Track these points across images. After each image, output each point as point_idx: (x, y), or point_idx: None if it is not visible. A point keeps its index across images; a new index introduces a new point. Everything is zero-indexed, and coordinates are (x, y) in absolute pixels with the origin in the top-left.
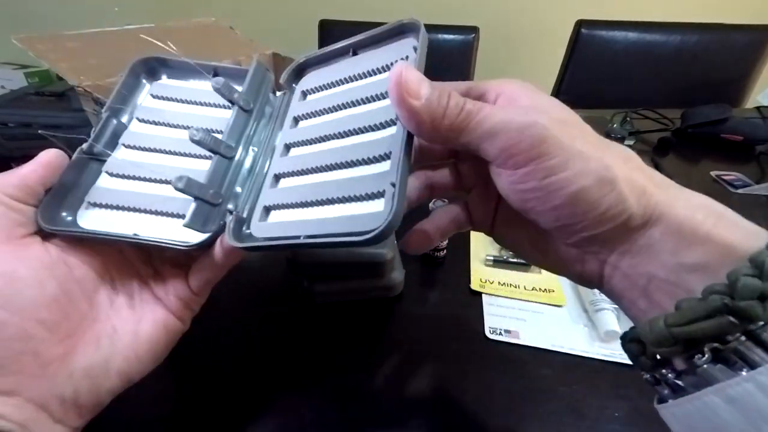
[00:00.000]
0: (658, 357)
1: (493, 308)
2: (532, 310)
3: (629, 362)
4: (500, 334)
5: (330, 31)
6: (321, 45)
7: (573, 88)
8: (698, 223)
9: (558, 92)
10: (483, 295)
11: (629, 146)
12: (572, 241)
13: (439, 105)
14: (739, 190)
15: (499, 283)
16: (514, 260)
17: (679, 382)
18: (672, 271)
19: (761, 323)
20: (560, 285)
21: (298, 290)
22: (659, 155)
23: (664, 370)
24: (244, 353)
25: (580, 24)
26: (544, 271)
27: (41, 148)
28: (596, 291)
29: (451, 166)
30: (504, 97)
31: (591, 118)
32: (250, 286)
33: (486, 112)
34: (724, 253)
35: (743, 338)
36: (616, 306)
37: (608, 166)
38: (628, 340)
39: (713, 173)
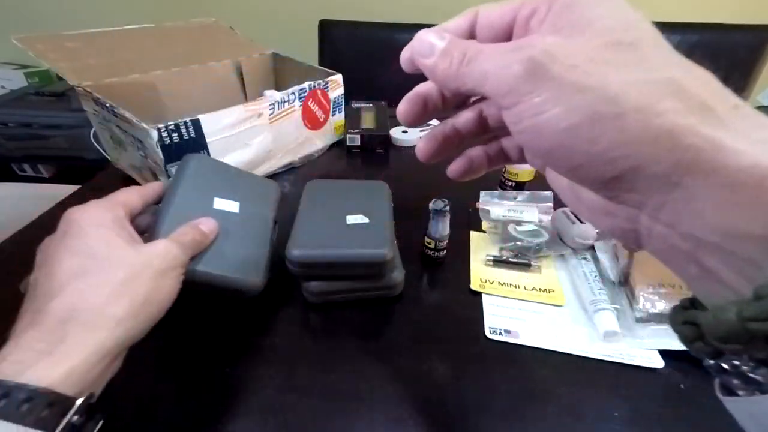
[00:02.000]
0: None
1: (493, 308)
2: (532, 310)
3: (629, 362)
4: (500, 334)
5: (330, 31)
6: (321, 45)
7: None
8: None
9: None
10: (483, 295)
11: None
12: (591, 189)
13: (445, 58)
14: None
15: (499, 283)
16: (514, 260)
17: (756, 376)
18: (726, 235)
19: None
20: (560, 285)
21: (296, 289)
22: None
23: (735, 361)
24: (238, 352)
25: None
26: (544, 271)
27: (41, 148)
28: (596, 291)
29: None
30: (553, 13)
31: None
32: None
33: (480, 56)
34: None
35: None
36: (617, 306)
37: (613, 97)
38: (680, 322)
39: None
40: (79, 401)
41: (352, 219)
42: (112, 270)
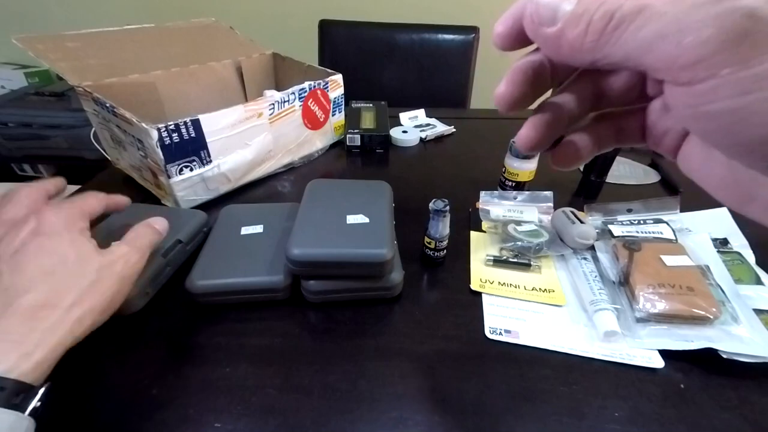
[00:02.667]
0: None
1: (493, 308)
2: (532, 310)
3: (629, 362)
4: (500, 334)
5: (330, 31)
6: (321, 45)
7: None
8: None
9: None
10: (483, 295)
11: (629, 146)
12: None
13: (576, 23)
14: None
15: (499, 283)
16: (514, 260)
17: None
18: None
19: None
20: (560, 285)
21: (296, 290)
22: (659, 155)
23: None
24: (238, 352)
25: None
26: (544, 271)
27: (41, 148)
28: (596, 291)
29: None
30: None
31: None
32: None
33: (640, 17)
34: None
35: None
36: (617, 306)
37: None
38: None
39: None
40: (41, 390)
41: (352, 219)
42: (80, 274)
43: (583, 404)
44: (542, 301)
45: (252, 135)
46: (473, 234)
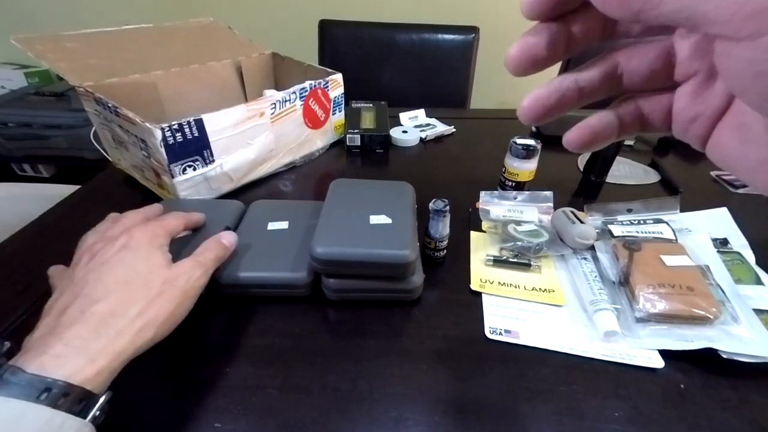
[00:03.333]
0: None
1: (493, 308)
2: (532, 310)
3: (629, 362)
4: (500, 334)
5: (330, 31)
6: (321, 45)
7: None
8: None
9: None
10: (483, 295)
11: (629, 146)
12: None
13: None
14: (739, 190)
15: (499, 283)
16: (514, 260)
17: None
18: None
19: None
20: (560, 285)
21: (315, 286)
22: (659, 155)
23: None
24: (238, 352)
25: None
26: (544, 271)
27: (41, 148)
28: (596, 291)
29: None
30: None
31: None
32: None
33: None
34: None
35: None
36: (617, 306)
37: None
38: None
39: (713, 173)
40: (102, 399)
41: (375, 219)
42: (148, 286)
43: (583, 404)
44: (542, 301)
45: (254, 134)
46: (473, 234)
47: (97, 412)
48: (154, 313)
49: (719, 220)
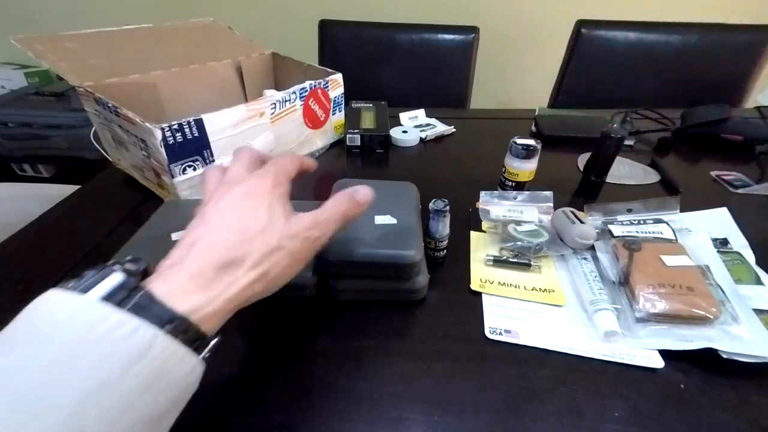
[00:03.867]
0: None
1: (493, 308)
2: (532, 310)
3: (629, 362)
4: (500, 334)
5: (330, 31)
6: (321, 45)
7: (573, 88)
8: None
9: (558, 92)
10: (483, 295)
11: (629, 146)
12: None
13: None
14: (739, 190)
15: (499, 283)
16: (514, 260)
17: None
18: None
19: None
20: (560, 285)
21: (323, 286)
22: (659, 155)
23: None
24: (237, 352)
25: (580, 24)
26: (544, 271)
27: (41, 148)
28: (596, 291)
29: None
30: None
31: (591, 118)
32: None
33: None
34: None
35: None
36: (617, 306)
37: None
38: None
39: (713, 173)
40: (213, 341)
41: (380, 219)
42: (265, 239)
43: (582, 404)
44: (542, 301)
45: (254, 134)
46: (473, 234)
47: (207, 354)
48: (266, 268)
49: (719, 220)
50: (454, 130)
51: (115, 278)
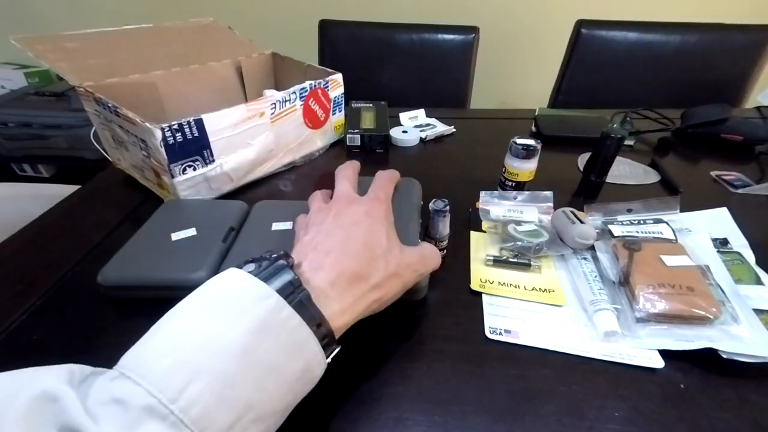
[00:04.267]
0: None
1: (493, 308)
2: (532, 310)
3: (629, 362)
4: (500, 334)
5: (330, 31)
6: (321, 45)
7: (573, 88)
8: None
9: (558, 92)
10: (483, 295)
11: (629, 146)
12: None
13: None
14: (739, 190)
15: (499, 283)
16: (514, 260)
17: None
18: None
19: None
20: (560, 285)
21: None
22: (659, 155)
23: None
24: None
25: (580, 24)
26: (544, 271)
27: (41, 148)
28: (596, 291)
29: None
30: None
31: (591, 118)
32: None
33: None
34: None
35: None
36: (617, 306)
37: None
38: None
39: (713, 173)
40: (337, 349)
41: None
42: (387, 262)
43: (583, 404)
44: (542, 301)
45: (254, 134)
46: (473, 234)
47: (329, 360)
48: (385, 290)
49: (719, 220)
50: (454, 130)
51: (287, 275)
